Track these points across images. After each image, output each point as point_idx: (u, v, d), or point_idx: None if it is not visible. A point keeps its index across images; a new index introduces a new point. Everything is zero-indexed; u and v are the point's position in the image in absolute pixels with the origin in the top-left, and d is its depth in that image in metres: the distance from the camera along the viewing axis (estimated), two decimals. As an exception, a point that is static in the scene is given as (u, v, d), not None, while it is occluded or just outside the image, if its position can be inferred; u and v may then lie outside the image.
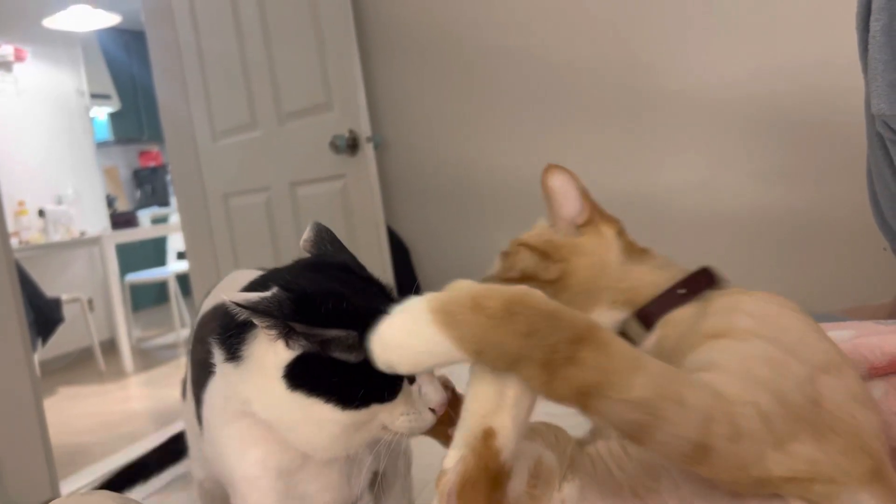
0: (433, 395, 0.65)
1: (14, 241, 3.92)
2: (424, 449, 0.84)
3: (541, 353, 0.44)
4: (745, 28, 1.80)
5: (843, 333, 0.68)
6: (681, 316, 0.64)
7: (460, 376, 0.59)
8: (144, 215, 5.10)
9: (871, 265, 1.68)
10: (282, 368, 0.61)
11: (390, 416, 0.64)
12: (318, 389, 0.61)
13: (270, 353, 0.61)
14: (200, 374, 0.72)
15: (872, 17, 0.90)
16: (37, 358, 2.30)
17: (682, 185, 1.93)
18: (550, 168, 0.77)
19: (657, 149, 1.95)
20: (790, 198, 1.80)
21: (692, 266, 0.72)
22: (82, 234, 4.40)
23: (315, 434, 0.63)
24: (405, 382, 0.64)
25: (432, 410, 0.65)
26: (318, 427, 0.62)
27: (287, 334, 0.60)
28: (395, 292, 0.70)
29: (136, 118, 5.70)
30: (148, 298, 5.39)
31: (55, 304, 3.36)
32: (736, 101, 1.83)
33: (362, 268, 0.71)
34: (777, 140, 1.80)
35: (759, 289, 0.60)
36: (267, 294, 0.59)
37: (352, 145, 2.17)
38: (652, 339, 0.65)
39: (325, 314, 0.60)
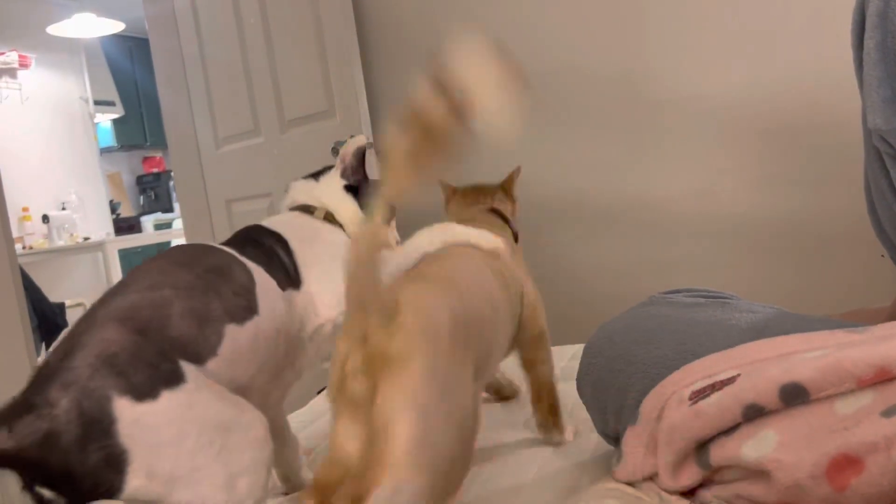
0: None
1: (18, 247, 3.94)
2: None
3: None
4: (743, 36, 1.81)
5: (817, 353, 0.67)
6: None
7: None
8: (147, 221, 5.13)
9: (869, 270, 1.68)
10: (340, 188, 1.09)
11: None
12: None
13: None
14: None
15: (866, 35, 0.91)
16: (40, 363, 2.32)
17: (680, 192, 1.94)
18: None
19: (656, 156, 1.96)
20: (787, 204, 1.81)
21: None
22: (86, 239, 4.42)
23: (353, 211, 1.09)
24: None
25: None
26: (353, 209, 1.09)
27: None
28: None
29: (140, 125, 5.72)
30: (151, 304, 5.40)
31: (59, 310, 3.38)
32: (735, 108, 1.84)
33: None
34: (775, 147, 1.81)
35: (760, 294, 0.61)
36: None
37: (353, 152, 2.19)
38: None
39: None
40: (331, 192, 1.09)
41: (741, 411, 0.66)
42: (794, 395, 0.64)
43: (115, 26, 4.47)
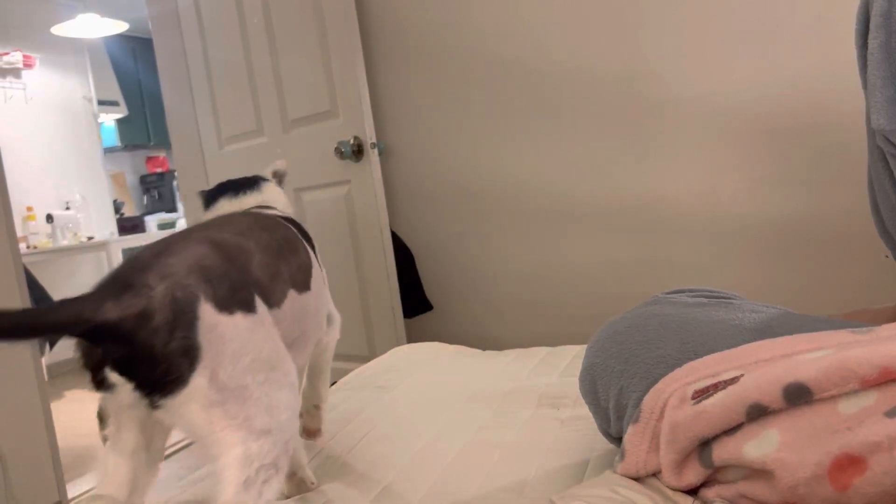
0: None
1: (22, 246, 3.96)
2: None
3: None
4: (746, 37, 1.81)
5: (820, 353, 0.67)
6: None
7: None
8: (151, 220, 5.13)
9: (873, 271, 1.68)
10: None
11: None
12: None
13: None
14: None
15: (870, 35, 0.92)
16: (44, 362, 2.32)
17: (684, 192, 1.94)
18: None
19: (658, 156, 1.96)
20: (790, 204, 1.81)
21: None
22: (90, 239, 4.43)
23: None
24: None
25: None
26: None
27: None
28: None
29: (144, 124, 5.73)
30: (154, 303, 5.40)
31: (62, 309, 3.37)
32: (736, 108, 1.84)
33: None
34: (778, 147, 1.81)
35: (763, 294, 0.61)
36: None
37: (356, 151, 2.19)
38: None
39: None
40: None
41: (744, 411, 0.66)
42: (798, 395, 0.64)
43: (119, 26, 4.47)
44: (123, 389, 0.68)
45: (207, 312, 0.69)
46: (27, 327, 0.62)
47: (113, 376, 0.67)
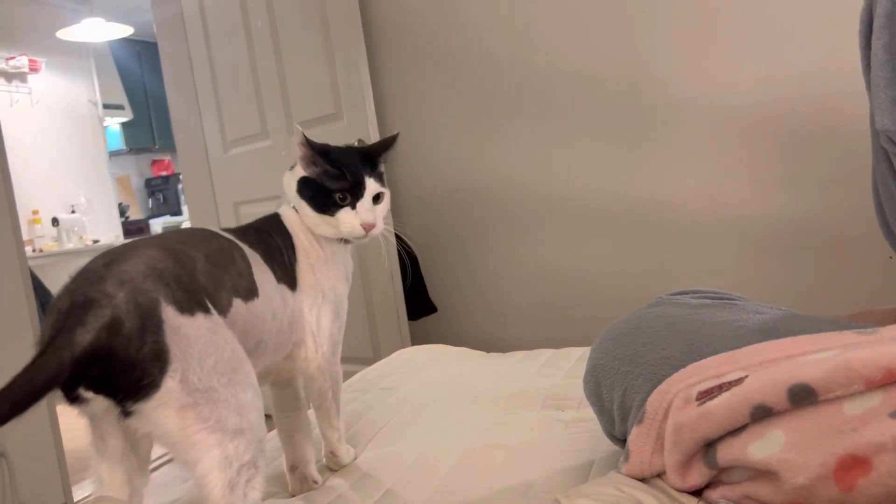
0: (366, 217, 1.04)
1: (28, 250, 3.97)
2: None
3: None
4: (749, 38, 1.81)
5: (825, 354, 0.67)
6: None
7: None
8: (156, 224, 5.15)
9: (877, 271, 1.68)
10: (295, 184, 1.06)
11: (338, 221, 1.03)
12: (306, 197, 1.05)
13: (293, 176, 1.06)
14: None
15: (874, 36, 0.92)
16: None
17: (688, 194, 1.94)
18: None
19: (662, 158, 1.96)
20: (794, 205, 1.80)
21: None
22: (95, 242, 4.44)
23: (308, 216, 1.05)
24: (349, 207, 1.04)
25: (363, 226, 1.04)
26: (308, 214, 1.05)
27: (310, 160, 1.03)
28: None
29: (148, 128, 5.74)
30: (159, 306, 5.41)
31: (68, 312, 3.39)
32: (740, 110, 1.84)
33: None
34: (781, 149, 1.81)
35: (767, 295, 0.61)
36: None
37: (360, 154, 2.19)
38: None
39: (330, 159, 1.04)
40: (291, 185, 1.10)
41: (749, 412, 0.66)
42: (803, 396, 0.64)
43: (124, 30, 4.49)
44: (97, 400, 0.68)
45: (170, 315, 0.69)
46: (21, 403, 0.62)
47: (89, 394, 0.67)
